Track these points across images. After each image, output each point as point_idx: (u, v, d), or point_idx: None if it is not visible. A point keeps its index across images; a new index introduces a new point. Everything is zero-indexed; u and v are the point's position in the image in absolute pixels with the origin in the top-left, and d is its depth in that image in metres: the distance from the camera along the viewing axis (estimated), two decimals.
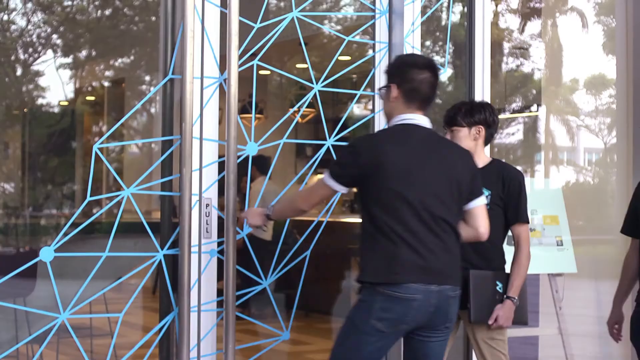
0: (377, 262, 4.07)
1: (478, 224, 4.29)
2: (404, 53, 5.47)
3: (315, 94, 5.28)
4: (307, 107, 13.97)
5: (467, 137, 4.89)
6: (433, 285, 4.05)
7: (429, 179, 4.12)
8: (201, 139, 4.77)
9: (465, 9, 6.02)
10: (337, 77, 5.49)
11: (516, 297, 4.80)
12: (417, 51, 5.64)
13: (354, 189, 4.32)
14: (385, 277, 4.03)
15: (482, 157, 4.93)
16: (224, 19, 4.79)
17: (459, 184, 4.19)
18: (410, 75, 4.23)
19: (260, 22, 5.09)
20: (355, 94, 5.82)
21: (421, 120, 4.25)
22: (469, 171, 4.27)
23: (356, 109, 12.97)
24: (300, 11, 5.24)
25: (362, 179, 4.14)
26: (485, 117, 4.91)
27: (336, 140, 5.30)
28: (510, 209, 4.84)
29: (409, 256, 4.03)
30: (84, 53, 12.11)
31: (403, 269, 4.02)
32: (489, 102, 5.58)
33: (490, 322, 4.76)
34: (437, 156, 4.19)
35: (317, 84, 5.36)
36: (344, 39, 5.70)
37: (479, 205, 4.29)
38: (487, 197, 4.64)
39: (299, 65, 13.79)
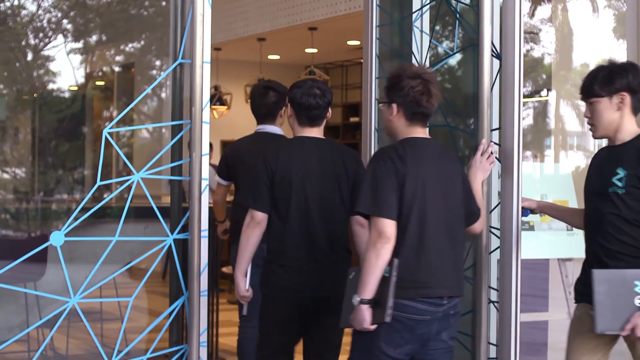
0: None
1: None
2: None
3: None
4: None
5: (609, 109, 4.29)
6: None
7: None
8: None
9: None
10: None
11: None
12: (426, 35, 5.64)
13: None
14: None
15: (629, 129, 4.30)
16: None
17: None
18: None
19: None
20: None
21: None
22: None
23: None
24: None
25: None
26: (628, 82, 4.28)
27: None
28: None
29: None
30: (94, 38, 12.11)
31: None
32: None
33: (622, 333, 4.11)
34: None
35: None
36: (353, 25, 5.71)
37: None
38: (621, 179, 4.17)
39: (308, 50, 13.79)
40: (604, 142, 4.49)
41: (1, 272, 4.39)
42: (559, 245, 5.90)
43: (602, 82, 4.29)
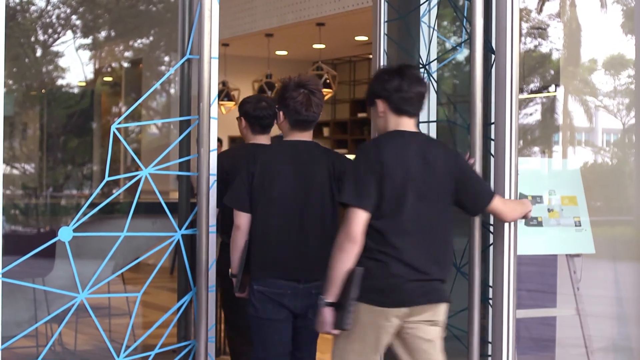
0: None
1: None
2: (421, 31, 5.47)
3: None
4: (324, 87, 13.97)
5: (374, 116, 4.26)
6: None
7: None
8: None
9: None
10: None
11: (323, 298, 4.05)
12: (434, 31, 5.64)
13: None
14: None
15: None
16: None
17: None
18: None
19: None
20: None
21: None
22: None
23: None
24: None
25: None
26: (374, 90, 4.20)
27: None
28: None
29: None
30: (103, 34, 12.12)
31: None
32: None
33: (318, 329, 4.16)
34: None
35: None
36: (360, 21, 5.72)
37: None
38: None
39: (315, 46, 13.79)
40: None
41: (10, 267, 4.40)
42: (568, 241, 5.88)
43: (366, 92, 4.32)
